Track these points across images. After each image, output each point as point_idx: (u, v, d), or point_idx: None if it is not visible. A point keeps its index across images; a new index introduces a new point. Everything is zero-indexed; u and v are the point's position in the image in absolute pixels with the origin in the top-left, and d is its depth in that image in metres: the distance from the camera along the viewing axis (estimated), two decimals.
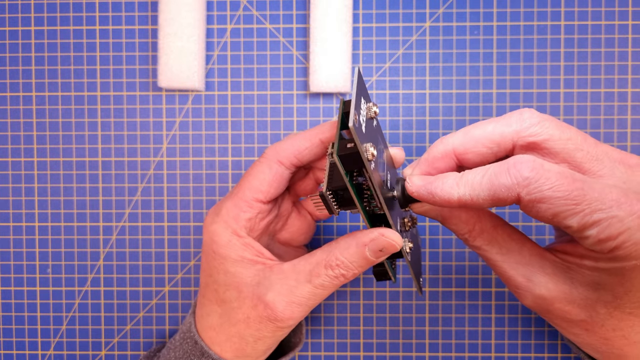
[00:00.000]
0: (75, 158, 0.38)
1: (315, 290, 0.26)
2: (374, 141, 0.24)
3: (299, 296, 0.26)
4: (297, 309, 0.26)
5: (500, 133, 0.23)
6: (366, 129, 0.23)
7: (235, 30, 0.37)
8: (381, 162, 0.25)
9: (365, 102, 0.24)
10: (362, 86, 0.24)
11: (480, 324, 0.37)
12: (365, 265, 0.26)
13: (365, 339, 0.37)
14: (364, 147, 0.22)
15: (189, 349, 0.29)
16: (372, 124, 0.25)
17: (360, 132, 0.22)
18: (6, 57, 0.38)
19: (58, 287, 0.38)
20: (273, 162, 0.27)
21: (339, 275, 0.25)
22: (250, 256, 0.27)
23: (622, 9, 0.36)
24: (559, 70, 0.36)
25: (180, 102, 0.37)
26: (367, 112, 0.24)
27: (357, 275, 0.27)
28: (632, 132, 0.36)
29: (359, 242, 0.25)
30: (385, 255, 0.25)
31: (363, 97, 0.24)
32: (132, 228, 0.38)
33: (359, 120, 0.22)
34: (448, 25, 0.37)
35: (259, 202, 0.27)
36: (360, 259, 0.25)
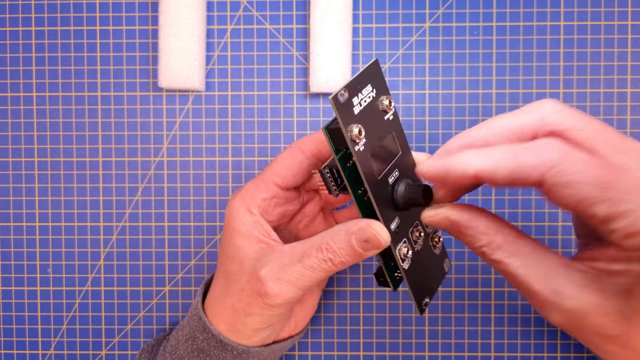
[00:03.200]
0: (75, 158, 0.38)
1: (304, 271, 0.26)
2: (376, 130, 0.24)
3: (288, 274, 0.26)
4: (285, 287, 0.26)
5: (521, 123, 0.22)
6: (364, 115, 0.24)
7: (236, 31, 0.37)
8: (384, 156, 0.25)
9: (372, 89, 0.24)
10: (372, 74, 0.24)
11: (480, 324, 0.37)
12: (352, 254, 0.25)
13: (365, 339, 0.37)
14: (348, 127, 0.23)
15: (194, 325, 0.30)
16: (382, 116, 0.25)
17: (343, 108, 0.23)
18: (7, 57, 0.38)
19: (58, 287, 0.38)
20: (295, 150, 0.28)
21: (327, 259, 0.26)
22: (258, 234, 0.28)
23: (621, 9, 0.36)
24: (559, 70, 0.36)
25: (181, 102, 0.37)
26: (376, 102, 0.25)
27: (346, 265, 0.26)
28: (632, 132, 0.36)
29: (348, 229, 0.25)
30: (372, 248, 0.25)
31: (373, 85, 0.24)
32: (133, 228, 0.38)
33: (350, 100, 0.23)
34: (448, 25, 0.37)
35: (275, 186, 0.28)
36: (347, 247, 0.25)
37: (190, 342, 0.30)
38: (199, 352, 0.29)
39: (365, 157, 0.24)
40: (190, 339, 0.30)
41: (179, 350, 0.30)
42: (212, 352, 0.29)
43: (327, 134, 0.24)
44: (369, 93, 0.24)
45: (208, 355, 0.29)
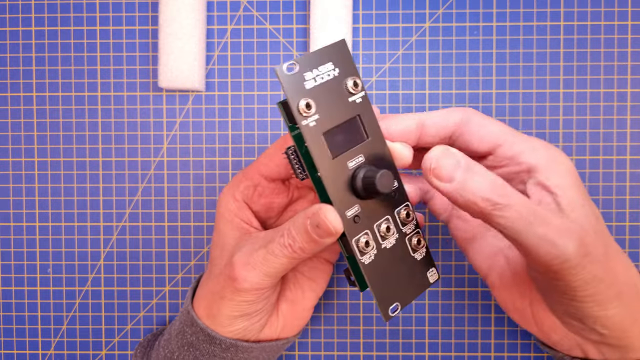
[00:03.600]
0: (75, 158, 0.38)
1: (267, 256, 0.26)
2: (334, 110, 0.24)
3: (254, 258, 0.26)
4: (251, 272, 0.26)
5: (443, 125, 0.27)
6: (319, 92, 0.23)
7: (236, 31, 0.37)
8: (344, 139, 0.24)
9: (334, 68, 0.24)
10: (337, 52, 0.24)
11: (480, 324, 0.37)
12: (308, 240, 0.25)
13: (365, 339, 0.37)
14: (296, 100, 0.23)
15: (184, 319, 0.30)
16: (346, 98, 0.24)
17: (290, 80, 0.23)
18: (7, 57, 0.38)
19: (59, 287, 0.38)
20: (281, 141, 0.29)
21: (287, 245, 0.26)
22: (239, 220, 0.29)
23: (621, 9, 0.36)
24: (559, 70, 0.36)
25: (181, 102, 0.37)
26: (339, 82, 0.24)
27: (307, 252, 0.26)
28: (632, 132, 0.36)
29: (305, 214, 0.25)
30: (324, 235, 0.24)
31: (335, 63, 0.24)
32: (133, 228, 0.38)
33: (301, 73, 0.23)
34: (448, 25, 0.37)
35: (260, 175, 0.29)
36: (304, 232, 0.25)
37: (180, 336, 0.30)
38: (188, 346, 0.29)
39: (315, 133, 0.23)
40: (180, 334, 0.30)
41: (170, 345, 0.30)
42: (202, 346, 0.29)
43: (280, 108, 0.24)
44: (329, 71, 0.24)
45: (197, 349, 0.29)
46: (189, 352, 0.29)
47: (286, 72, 0.23)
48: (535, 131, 0.36)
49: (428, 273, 0.27)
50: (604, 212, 0.36)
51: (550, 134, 0.36)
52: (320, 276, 0.32)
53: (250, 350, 0.29)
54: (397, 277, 0.26)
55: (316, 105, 0.23)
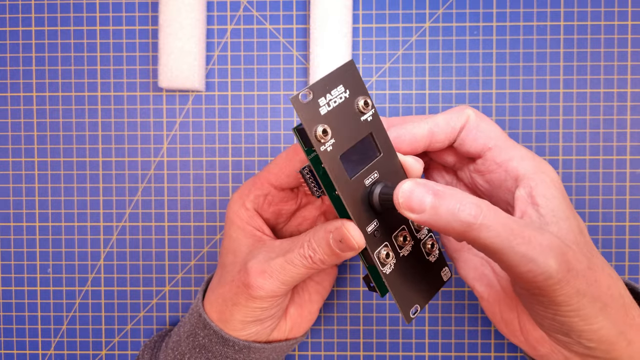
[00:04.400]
0: (75, 158, 0.38)
1: (285, 265, 0.27)
2: (349, 131, 0.24)
3: (271, 267, 0.27)
4: (268, 280, 0.27)
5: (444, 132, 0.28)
6: (333, 116, 0.24)
7: (236, 31, 0.37)
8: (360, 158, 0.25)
9: (345, 90, 0.24)
10: (346, 74, 0.24)
11: (480, 324, 0.37)
12: (329, 254, 0.26)
13: (365, 339, 0.37)
14: (313, 127, 0.23)
15: (195, 322, 0.30)
16: (358, 117, 0.25)
17: (306, 108, 0.23)
18: (7, 57, 0.38)
19: (59, 287, 0.38)
20: (291, 151, 0.29)
21: (307, 256, 0.26)
22: (251, 228, 0.29)
23: (621, 9, 0.36)
24: (559, 70, 0.36)
25: (181, 102, 0.37)
26: (350, 103, 0.25)
27: (326, 264, 0.27)
28: (632, 132, 0.36)
29: (327, 228, 0.26)
30: (346, 249, 0.25)
31: (346, 85, 0.24)
32: (133, 228, 0.38)
33: (316, 100, 0.23)
34: (448, 25, 0.37)
35: (269, 185, 0.29)
36: (325, 245, 0.26)
37: (191, 338, 0.30)
38: (200, 348, 0.30)
39: (332, 157, 0.24)
40: (191, 336, 0.30)
41: (180, 347, 0.31)
42: (214, 348, 0.29)
43: (296, 134, 0.25)
44: (340, 94, 0.24)
45: (210, 351, 0.29)
46: (201, 354, 0.30)
47: (301, 101, 0.23)
48: (535, 131, 0.36)
49: (442, 272, 0.28)
50: (604, 212, 0.36)
51: (550, 134, 0.36)
52: (326, 279, 0.33)
53: (262, 350, 0.30)
54: (415, 281, 0.27)
55: (332, 130, 0.24)
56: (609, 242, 0.36)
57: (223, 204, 0.37)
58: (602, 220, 0.36)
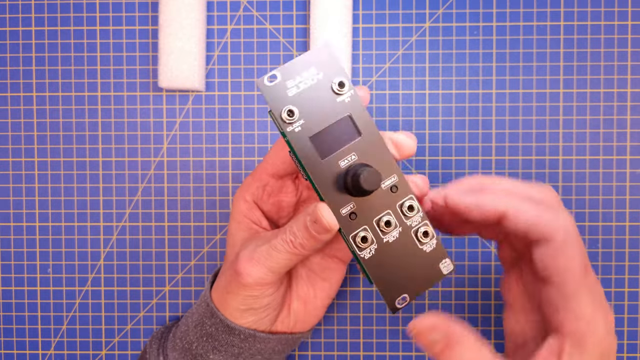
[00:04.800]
0: (75, 158, 0.38)
1: (270, 250, 0.27)
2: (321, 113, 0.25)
3: (257, 253, 0.28)
4: (255, 267, 0.28)
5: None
6: (303, 98, 0.24)
7: (236, 31, 0.37)
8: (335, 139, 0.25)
9: (318, 72, 0.25)
10: (319, 57, 0.25)
11: (480, 324, 0.37)
12: (308, 237, 0.26)
13: (365, 339, 0.37)
14: (279, 109, 0.24)
15: (202, 312, 0.31)
16: (334, 99, 0.25)
17: (272, 90, 0.24)
18: (7, 57, 0.38)
19: (59, 287, 0.38)
20: (281, 140, 0.30)
21: (288, 241, 0.27)
22: (248, 221, 0.30)
23: (621, 9, 0.36)
24: (559, 70, 0.36)
25: (181, 102, 0.37)
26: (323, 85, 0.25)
27: (307, 248, 0.27)
28: (632, 132, 0.36)
29: (306, 211, 0.26)
30: (322, 231, 0.25)
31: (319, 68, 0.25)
32: (133, 228, 0.38)
33: (283, 82, 0.24)
34: (448, 25, 0.37)
35: (267, 174, 0.30)
36: (303, 229, 0.26)
37: (199, 327, 0.31)
38: (207, 337, 0.30)
39: (301, 138, 0.24)
40: (199, 325, 0.31)
41: (188, 336, 0.31)
42: (220, 337, 0.30)
43: (270, 116, 0.25)
44: (312, 76, 0.25)
45: (216, 339, 0.30)
46: (208, 342, 0.30)
47: (267, 83, 0.24)
48: (535, 131, 0.36)
49: (440, 264, 0.27)
50: (604, 212, 0.36)
51: (550, 134, 0.36)
52: (334, 277, 0.32)
53: (267, 340, 0.31)
54: (403, 270, 0.26)
55: (300, 111, 0.24)
56: (609, 242, 0.36)
57: (223, 204, 0.37)
58: (602, 220, 0.36)
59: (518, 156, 0.36)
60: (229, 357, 0.31)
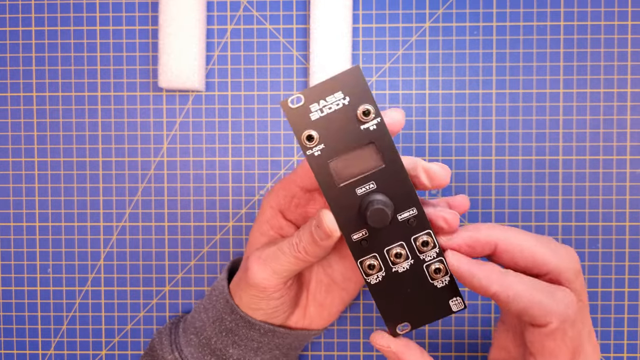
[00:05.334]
0: (75, 158, 0.38)
1: (276, 252, 0.28)
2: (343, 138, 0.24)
3: (266, 253, 0.29)
4: (261, 267, 0.28)
5: (540, 260, 0.25)
6: (326, 122, 0.24)
7: (236, 31, 0.37)
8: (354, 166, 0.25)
9: (344, 97, 0.24)
10: (348, 81, 0.24)
11: (480, 324, 0.37)
12: (310, 242, 0.27)
13: (365, 339, 0.37)
14: (302, 132, 0.24)
15: (221, 308, 0.32)
16: (357, 125, 0.24)
17: (295, 113, 0.24)
18: (7, 57, 0.38)
19: (59, 287, 0.38)
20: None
21: (294, 244, 0.28)
22: (269, 227, 0.31)
23: (621, 9, 0.36)
24: (559, 70, 0.36)
25: (181, 102, 0.37)
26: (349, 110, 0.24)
27: (310, 253, 0.27)
28: (632, 132, 0.36)
29: (312, 218, 0.27)
30: (323, 237, 0.26)
31: (346, 92, 0.24)
32: (133, 228, 0.38)
33: (307, 105, 0.24)
34: (448, 25, 0.37)
35: (295, 185, 0.30)
36: (308, 234, 0.27)
37: (218, 323, 0.31)
38: (227, 332, 0.31)
39: (319, 162, 0.24)
40: (218, 320, 0.32)
41: (206, 331, 0.32)
42: (241, 332, 0.31)
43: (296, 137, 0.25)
44: (338, 100, 0.24)
45: (236, 334, 0.31)
46: (228, 337, 0.31)
47: (290, 106, 0.24)
48: (535, 131, 0.36)
49: (451, 301, 0.27)
50: (604, 212, 0.36)
51: (550, 134, 0.36)
52: (352, 287, 0.33)
53: (286, 336, 0.32)
54: (410, 300, 0.27)
55: (321, 136, 0.24)
56: (609, 242, 0.36)
57: (223, 204, 0.37)
58: (602, 220, 0.36)
59: (518, 156, 0.36)
60: (248, 351, 0.31)
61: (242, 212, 0.37)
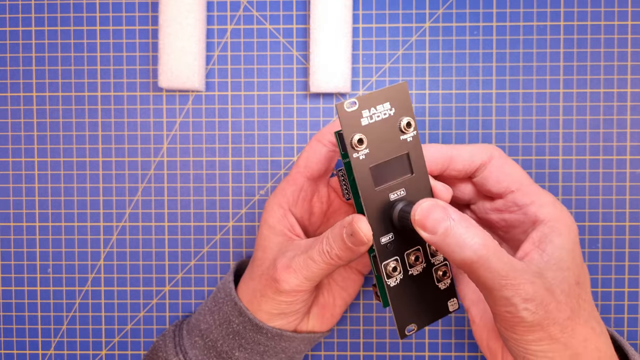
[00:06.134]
0: (75, 158, 0.38)
1: (307, 261, 0.28)
2: (385, 146, 0.26)
3: (295, 262, 0.29)
4: (292, 275, 0.28)
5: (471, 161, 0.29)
6: (373, 129, 0.26)
7: (236, 31, 0.37)
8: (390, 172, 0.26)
9: (391, 108, 0.26)
10: (396, 93, 0.26)
11: None
12: (343, 248, 0.27)
13: (365, 339, 0.37)
14: (350, 135, 0.25)
15: (229, 310, 0.32)
16: (398, 136, 0.26)
17: (348, 116, 0.25)
18: (7, 57, 0.38)
19: (59, 287, 0.38)
20: (313, 142, 0.31)
21: (325, 252, 0.28)
22: (282, 227, 0.31)
23: (621, 9, 0.36)
24: (559, 70, 0.36)
25: (181, 102, 0.37)
26: (393, 121, 0.26)
27: (343, 259, 0.27)
28: (632, 132, 0.36)
29: (342, 224, 0.27)
30: (358, 244, 0.26)
31: (393, 104, 0.26)
32: (133, 228, 0.38)
33: (360, 111, 0.25)
34: (448, 25, 0.37)
35: (301, 177, 0.30)
36: (339, 240, 0.27)
37: (225, 325, 0.32)
38: (234, 334, 0.31)
39: (363, 166, 0.26)
40: (224, 323, 0.32)
41: (212, 334, 0.32)
42: (248, 335, 0.31)
43: (337, 137, 0.26)
44: (385, 110, 0.26)
45: (243, 337, 0.31)
46: (234, 340, 0.31)
47: (346, 109, 0.25)
48: (535, 131, 0.36)
49: (449, 302, 0.29)
50: (604, 212, 0.36)
51: (550, 134, 0.36)
52: (351, 286, 0.34)
53: (292, 339, 0.32)
54: (418, 302, 0.28)
55: (368, 141, 0.25)
56: (609, 242, 0.36)
57: (223, 204, 0.37)
58: (602, 220, 0.36)
59: (518, 156, 0.36)
60: (255, 354, 0.31)
61: (242, 212, 0.37)
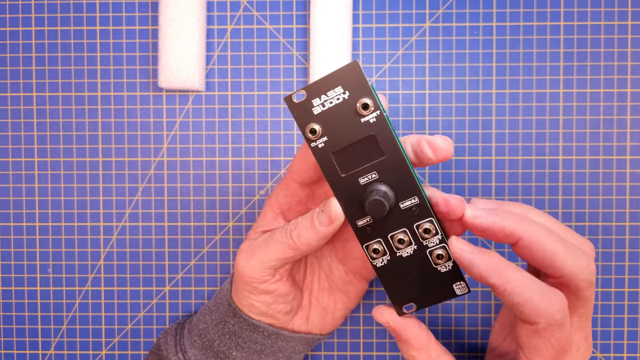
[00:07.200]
0: (75, 158, 0.38)
1: (267, 239, 0.28)
2: (345, 131, 0.25)
3: (255, 245, 0.29)
4: (248, 256, 0.29)
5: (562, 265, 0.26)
6: (328, 115, 0.25)
7: (236, 31, 0.37)
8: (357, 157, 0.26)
9: (344, 91, 0.25)
10: (347, 75, 0.25)
11: (480, 324, 0.37)
12: (309, 227, 0.27)
13: (365, 339, 0.37)
14: (306, 126, 0.25)
15: (224, 311, 0.32)
16: (358, 118, 0.25)
17: (298, 108, 0.25)
18: (7, 57, 0.38)
19: (59, 287, 0.38)
20: (303, 146, 0.30)
21: (287, 230, 0.28)
22: (270, 229, 0.31)
23: (621, 9, 0.36)
24: (559, 70, 0.36)
25: (181, 102, 0.37)
26: (349, 104, 0.25)
27: (305, 240, 0.27)
28: (632, 132, 0.36)
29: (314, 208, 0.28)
30: (325, 220, 0.26)
31: (346, 87, 0.25)
32: (133, 228, 0.38)
33: (309, 100, 0.25)
34: (448, 25, 0.37)
35: (293, 182, 0.30)
36: (307, 219, 0.27)
37: (220, 326, 0.32)
38: (230, 334, 0.31)
39: (324, 154, 0.26)
40: (220, 324, 0.32)
41: (209, 334, 0.32)
42: (244, 334, 0.31)
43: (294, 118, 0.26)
44: (338, 95, 0.25)
45: (240, 337, 0.31)
46: (231, 340, 0.31)
47: (295, 101, 0.25)
48: (535, 131, 0.36)
49: (455, 285, 0.28)
50: (604, 212, 0.36)
51: (550, 134, 0.36)
52: (353, 290, 0.34)
53: (289, 339, 0.32)
54: (415, 282, 0.28)
55: (324, 128, 0.25)
56: (609, 242, 0.36)
57: (223, 204, 0.37)
58: (602, 220, 0.36)
59: (518, 156, 0.36)
60: (252, 353, 0.31)
61: (242, 212, 0.37)
